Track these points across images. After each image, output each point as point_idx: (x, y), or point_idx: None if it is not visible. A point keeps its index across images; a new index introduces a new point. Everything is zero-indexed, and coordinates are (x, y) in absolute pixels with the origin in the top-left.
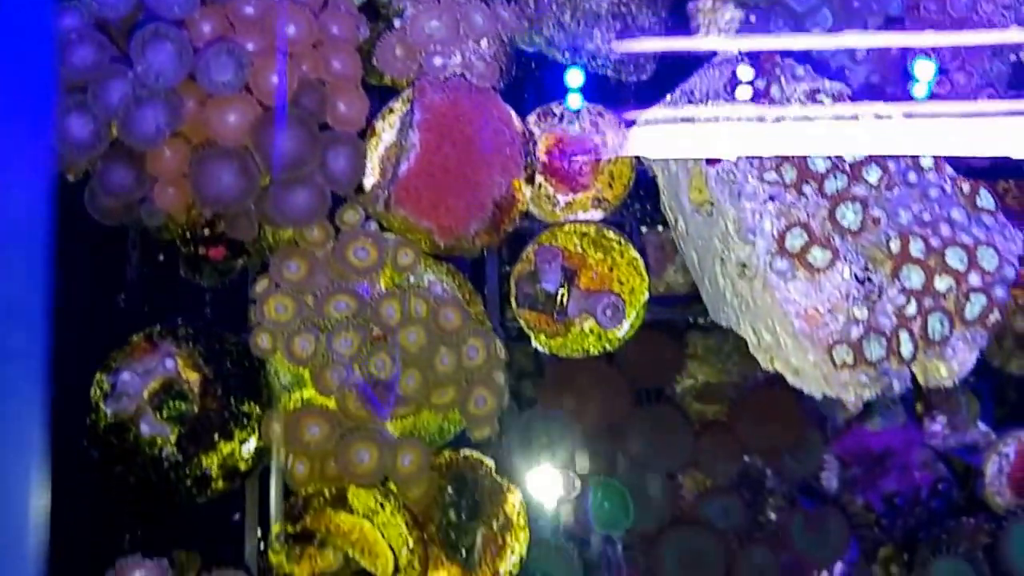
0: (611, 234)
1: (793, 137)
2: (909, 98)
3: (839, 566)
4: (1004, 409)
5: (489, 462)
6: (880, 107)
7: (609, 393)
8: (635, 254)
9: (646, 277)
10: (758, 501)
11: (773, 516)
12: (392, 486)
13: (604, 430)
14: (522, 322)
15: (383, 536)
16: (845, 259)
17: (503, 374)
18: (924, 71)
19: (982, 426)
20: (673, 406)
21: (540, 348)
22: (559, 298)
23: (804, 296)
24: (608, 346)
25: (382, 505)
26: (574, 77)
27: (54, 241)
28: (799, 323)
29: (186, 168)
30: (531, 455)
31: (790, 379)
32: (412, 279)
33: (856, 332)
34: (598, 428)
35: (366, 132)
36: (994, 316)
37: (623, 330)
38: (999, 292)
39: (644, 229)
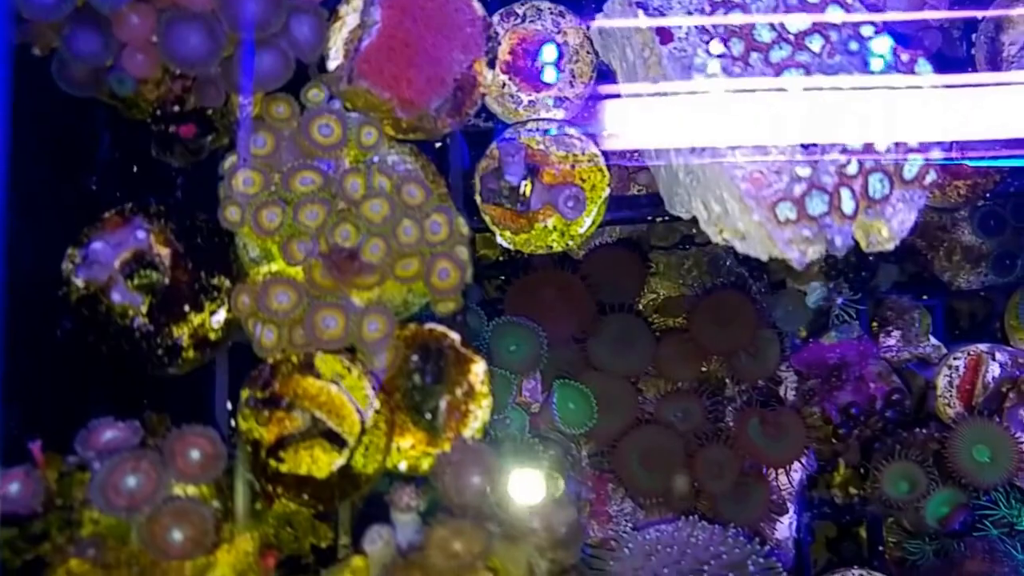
0: (572, 131)
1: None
2: None
3: (798, 474)
4: (954, 324)
5: (454, 335)
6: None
7: (574, 302)
8: (595, 151)
9: (607, 174)
10: (718, 405)
11: (731, 420)
12: (359, 352)
13: (569, 336)
14: (487, 218)
15: (349, 399)
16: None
17: (466, 249)
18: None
19: (933, 340)
20: (635, 315)
21: (505, 243)
22: (522, 190)
23: (755, 173)
24: (571, 243)
25: (348, 369)
26: None
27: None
28: (745, 185)
29: (154, 35)
30: (500, 360)
31: (738, 246)
32: (377, 158)
33: (799, 189)
34: (564, 335)
35: (331, 17)
36: (931, 176)
37: (584, 226)
38: (936, 153)
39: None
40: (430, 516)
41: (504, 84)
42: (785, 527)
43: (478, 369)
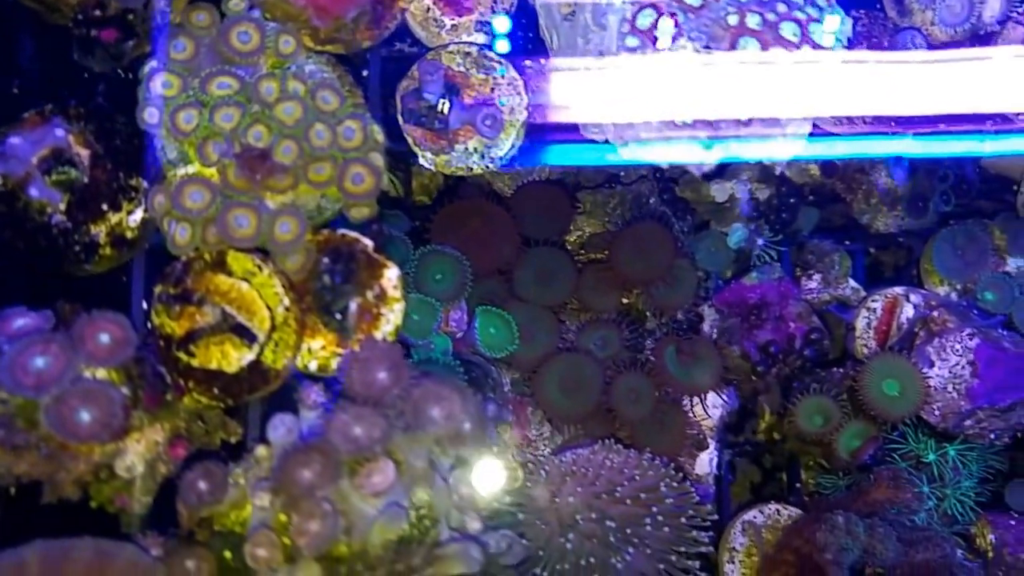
0: (492, 55)
1: None
2: None
3: (718, 411)
4: (873, 266)
5: (367, 241)
6: None
7: (499, 234)
8: (515, 74)
9: (526, 97)
10: (639, 335)
11: (650, 349)
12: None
13: (495, 267)
14: (409, 138)
15: (260, 296)
16: (688, 35)
17: (380, 156)
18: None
19: (852, 283)
20: (559, 248)
21: (426, 165)
22: (440, 108)
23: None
24: (491, 164)
25: (259, 268)
26: None
27: None
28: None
29: None
30: (425, 288)
31: (632, 152)
32: (295, 66)
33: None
34: (489, 266)
35: None
36: None
37: (504, 149)
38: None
39: (528, 62)
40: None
41: (428, 8)
42: (706, 463)
43: (391, 274)
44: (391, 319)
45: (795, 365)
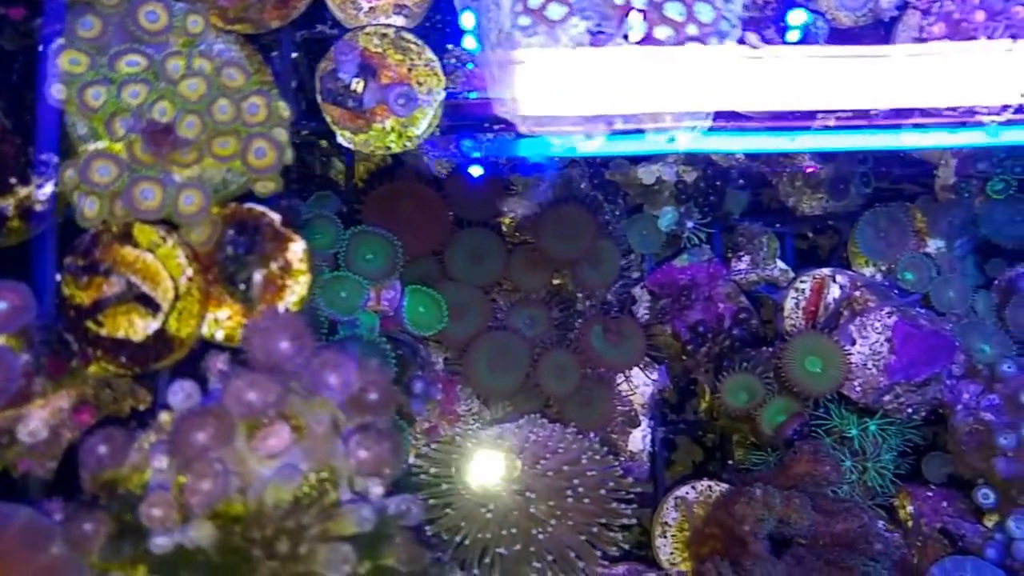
0: (409, 36)
1: None
2: None
3: (649, 388)
4: (801, 248)
5: (274, 215)
6: None
7: (431, 215)
8: (431, 55)
9: (442, 78)
10: (568, 315)
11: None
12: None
13: (427, 248)
14: (328, 118)
15: (164, 267)
16: (580, 15)
17: (285, 132)
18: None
19: (781, 264)
20: (490, 229)
21: (344, 143)
22: (353, 87)
23: (542, 48)
24: (408, 144)
25: (164, 239)
26: None
27: None
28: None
29: None
30: (356, 267)
31: (528, 128)
32: (204, 45)
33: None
34: (422, 246)
35: None
36: None
37: (421, 128)
38: (712, 42)
39: (450, 46)
40: None
41: None
42: (639, 440)
43: (296, 247)
44: (296, 290)
45: (724, 344)
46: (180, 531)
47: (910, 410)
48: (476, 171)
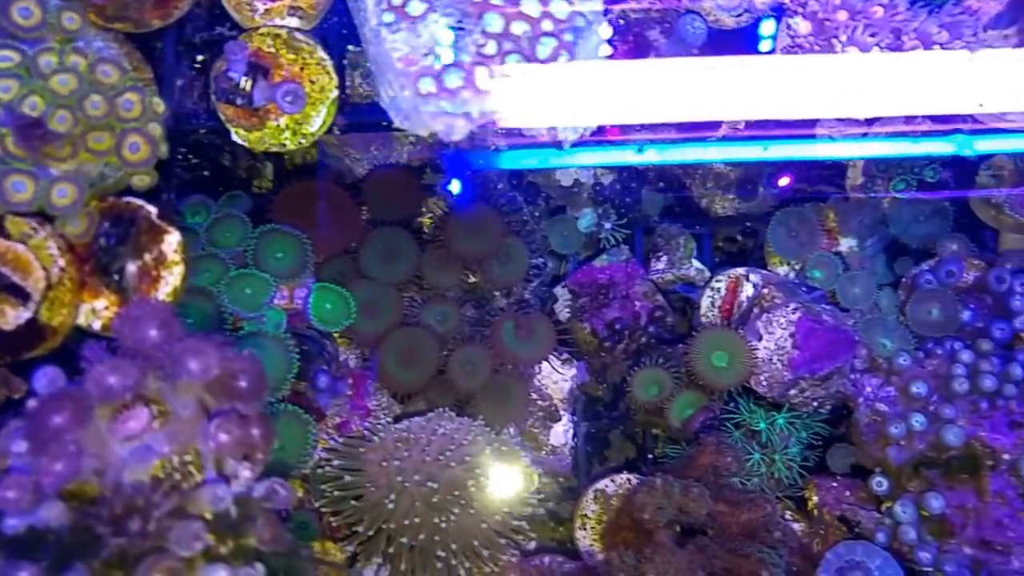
0: (301, 36)
1: None
2: None
3: (568, 384)
4: (716, 248)
5: (151, 208)
6: None
7: (343, 214)
8: (323, 55)
9: (334, 77)
10: (484, 312)
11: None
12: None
13: (340, 246)
14: (223, 116)
15: (35, 257)
16: (441, 11)
17: (160, 127)
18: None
19: (697, 264)
20: (403, 227)
21: (239, 140)
22: (243, 85)
23: (405, 43)
24: (303, 142)
25: (35, 230)
26: None
27: None
28: (400, 65)
29: None
30: (265, 265)
31: (400, 123)
32: (82, 42)
33: (439, 66)
34: (335, 245)
35: None
36: (564, 57)
37: (314, 126)
38: (568, 38)
39: (350, 47)
40: None
41: None
42: (560, 434)
43: (171, 239)
44: (170, 281)
45: (640, 341)
46: (31, 512)
47: (816, 403)
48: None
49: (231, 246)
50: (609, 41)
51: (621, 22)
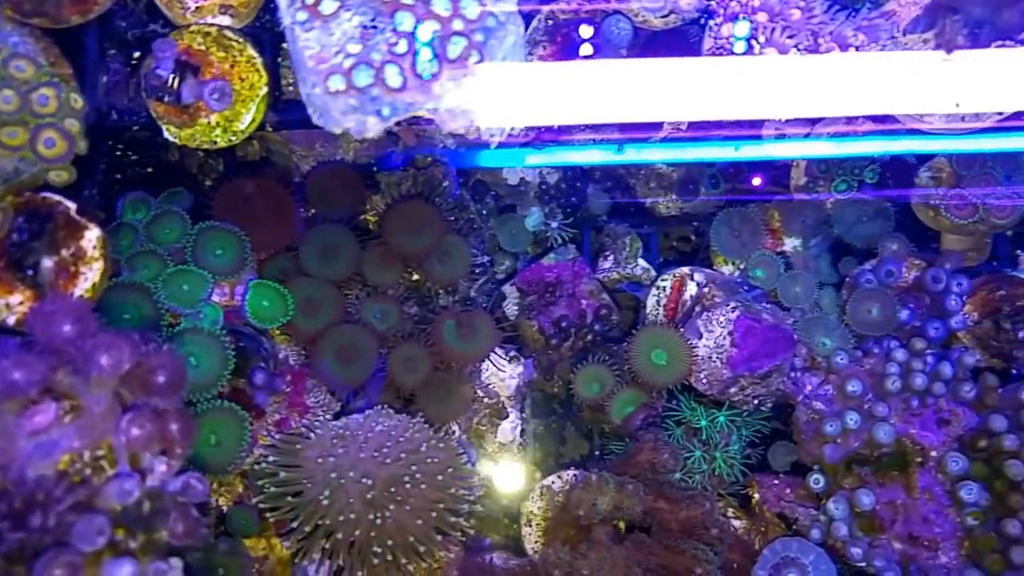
0: (231, 35)
1: None
2: None
3: (515, 381)
4: (671, 248)
5: (70, 203)
6: None
7: (280, 211)
8: (253, 53)
9: (264, 74)
10: (427, 310)
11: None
12: None
13: (277, 243)
14: (153, 113)
15: None
16: (354, 10)
17: (77, 123)
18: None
19: (643, 263)
20: (345, 225)
21: (170, 137)
22: (170, 82)
23: (317, 41)
24: (234, 139)
25: None
26: None
27: None
28: (311, 63)
29: None
30: (204, 262)
31: (316, 120)
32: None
33: (348, 63)
34: (274, 242)
35: None
36: (474, 56)
37: (244, 123)
38: (479, 37)
39: (284, 45)
40: None
41: None
42: (508, 431)
43: (91, 235)
44: (89, 277)
45: (586, 339)
46: None
47: (756, 401)
48: (338, 167)
49: (170, 243)
50: (537, 41)
51: (549, 22)
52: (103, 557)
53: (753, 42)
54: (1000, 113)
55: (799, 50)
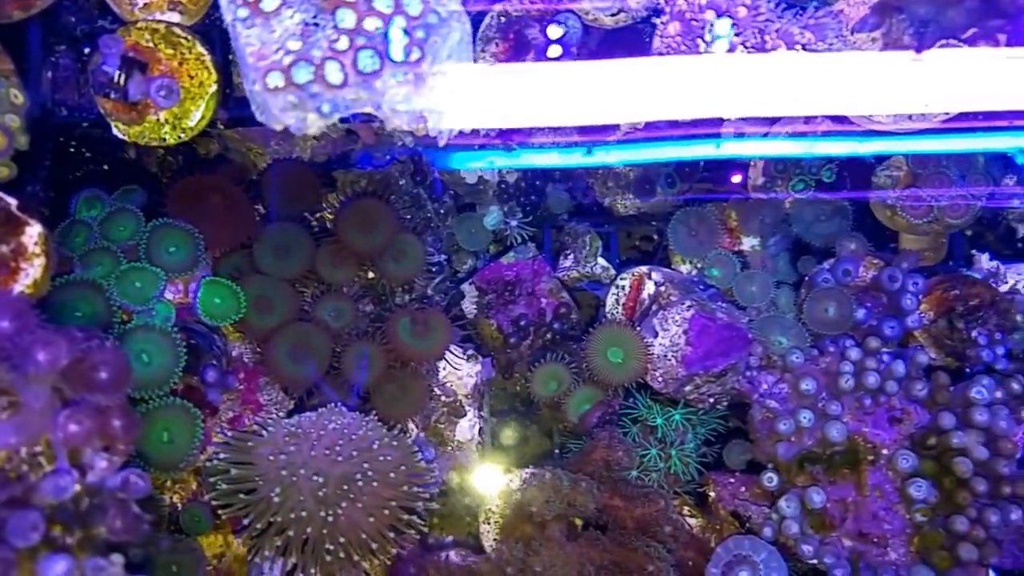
0: (180, 32)
1: None
2: None
3: (473, 380)
4: (627, 247)
5: (11, 200)
6: None
7: (235, 208)
8: (202, 50)
9: (213, 72)
10: (383, 308)
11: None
12: None
13: (231, 240)
14: (102, 109)
15: None
16: (296, 7)
17: (18, 119)
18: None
19: (602, 262)
20: (298, 223)
21: (119, 134)
22: (116, 79)
23: (258, 38)
24: (183, 135)
25: None
26: None
27: None
28: (251, 60)
29: None
30: (158, 259)
31: (259, 116)
32: None
33: (288, 60)
34: (229, 240)
35: None
36: (416, 53)
37: (194, 120)
38: (420, 34)
39: None
40: None
41: None
42: (466, 429)
43: (32, 232)
44: (31, 273)
45: (545, 337)
46: None
47: (711, 400)
48: (294, 165)
49: (124, 240)
50: (489, 39)
51: (502, 20)
52: (39, 553)
53: (699, 41)
54: (946, 113)
55: (746, 48)
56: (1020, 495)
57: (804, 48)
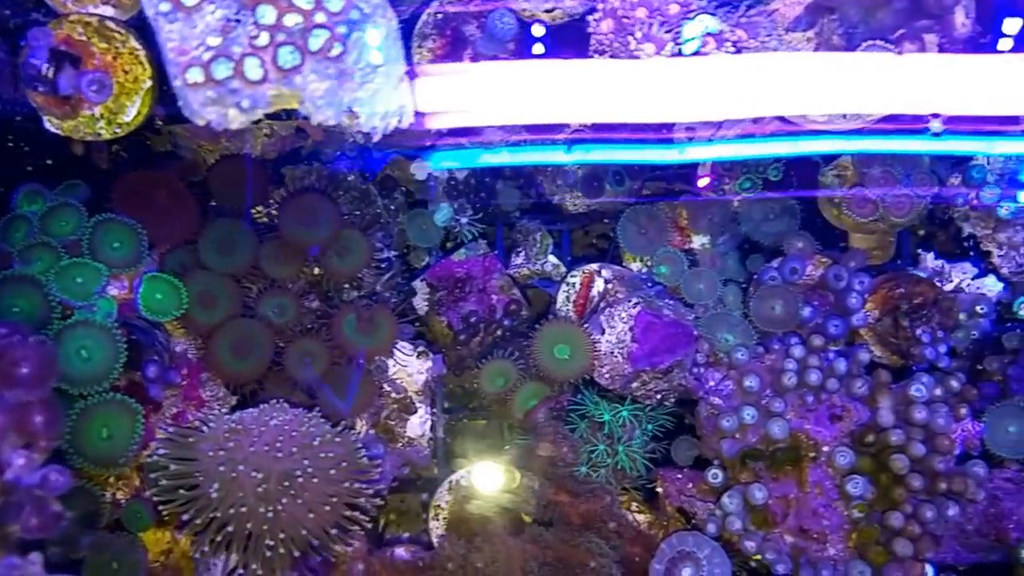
0: (114, 26)
1: None
2: None
3: (424, 376)
4: (583, 245)
5: None
6: None
7: (179, 204)
8: (137, 45)
9: (147, 67)
10: (330, 305)
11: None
12: None
13: (176, 236)
14: (33, 103)
15: None
16: (218, 3)
17: None
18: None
19: (553, 259)
20: (242, 218)
21: (51, 128)
22: (44, 72)
23: (179, 33)
24: (119, 131)
25: None
26: None
27: None
28: (173, 55)
29: None
30: (101, 255)
31: (185, 112)
32: None
33: (207, 56)
34: (173, 235)
35: None
36: (337, 48)
37: (129, 115)
38: (341, 30)
39: None
40: None
41: None
42: (418, 425)
43: None
44: None
45: (496, 334)
46: None
47: (659, 396)
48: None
49: (65, 235)
50: (426, 35)
51: (439, 16)
52: None
53: (630, 38)
54: (871, 115)
55: (676, 45)
56: (957, 491)
57: (735, 46)
